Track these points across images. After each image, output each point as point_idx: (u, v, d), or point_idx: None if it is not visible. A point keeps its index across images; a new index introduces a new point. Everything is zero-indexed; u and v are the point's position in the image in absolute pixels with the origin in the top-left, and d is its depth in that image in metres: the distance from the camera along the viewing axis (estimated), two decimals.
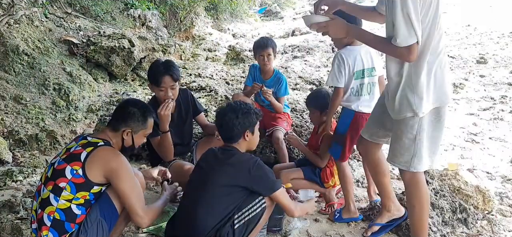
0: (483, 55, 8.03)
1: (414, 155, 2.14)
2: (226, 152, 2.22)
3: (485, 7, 14.73)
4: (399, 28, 1.93)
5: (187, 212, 2.16)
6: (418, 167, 2.16)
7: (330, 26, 2.19)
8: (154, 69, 3.03)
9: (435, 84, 2.08)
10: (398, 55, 2.03)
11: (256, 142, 2.34)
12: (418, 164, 2.16)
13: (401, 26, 1.93)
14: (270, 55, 3.68)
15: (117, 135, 2.21)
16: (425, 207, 2.28)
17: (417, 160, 2.15)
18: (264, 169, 2.18)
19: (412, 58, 1.99)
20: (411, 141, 2.13)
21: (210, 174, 2.17)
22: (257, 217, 2.16)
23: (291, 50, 8.73)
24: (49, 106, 4.54)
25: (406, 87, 2.10)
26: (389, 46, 2.02)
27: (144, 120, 2.27)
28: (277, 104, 3.76)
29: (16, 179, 3.37)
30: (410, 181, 2.24)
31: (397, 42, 1.96)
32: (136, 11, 7.63)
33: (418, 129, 2.11)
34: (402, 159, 2.18)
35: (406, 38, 1.94)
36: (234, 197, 2.12)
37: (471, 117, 5.12)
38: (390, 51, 2.05)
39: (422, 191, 2.25)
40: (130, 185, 2.08)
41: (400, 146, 2.17)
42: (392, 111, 2.21)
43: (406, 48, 1.96)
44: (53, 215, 1.98)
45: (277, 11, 16.65)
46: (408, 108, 2.10)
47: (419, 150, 2.13)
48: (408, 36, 1.93)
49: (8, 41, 4.85)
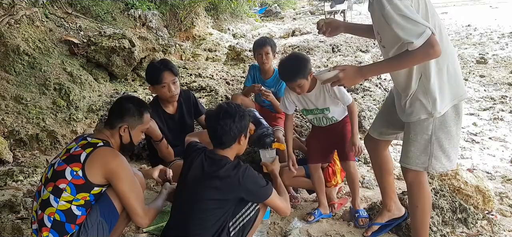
0: (483, 55, 8.04)
1: (431, 155, 2.11)
2: (214, 163, 2.08)
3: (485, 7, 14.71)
4: (407, 30, 1.81)
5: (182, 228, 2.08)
6: (436, 167, 2.13)
7: (343, 79, 2.09)
8: (151, 68, 3.03)
9: (449, 82, 2.03)
10: (423, 57, 1.88)
11: (245, 145, 2.23)
12: (436, 164, 2.12)
13: (407, 27, 1.81)
14: (269, 53, 3.68)
15: (115, 133, 2.21)
16: (427, 207, 2.27)
17: (435, 160, 2.11)
18: (254, 177, 2.09)
19: (438, 50, 1.83)
20: (427, 141, 2.09)
21: (198, 189, 2.07)
22: (252, 220, 2.15)
23: (291, 50, 8.73)
24: (50, 106, 4.54)
25: (418, 91, 2.06)
26: (409, 55, 1.88)
27: (140, 115, 2.26)
28: (277, 103, 3.76)
29: (16, 179, 3.38)
30: (414, 181, 2.22)
31: (414, 44, 1.81)
32: (136, 11, 7.64)
33: (433, 129, 2.07)
34: (419, 160, 2.14)
35: (419, 34, 1.80)
36: (226, 206, 2.07)
37: (471, 117, 5.12)
38: (413, 59, 1.90)
39: (425, 191, 2.24)
40: (129, 186, 2.08)
41: (415, 148, 2.13)
42: (402, 113, 2.17)
43: (426, 44, 1.81)
44: (53, 216, 1.98)
45: (277, 11, 16.69)
46: (422, 110, 2.06)
47: (436, 150, 2.10)
48: (419, 30, 1.80)
49: (9, 41, 4.86)
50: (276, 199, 2.18)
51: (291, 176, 2.96)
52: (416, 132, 2.12)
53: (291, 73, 2.60)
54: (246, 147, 2.25)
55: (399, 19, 1.82)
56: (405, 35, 1.83)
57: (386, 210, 2.64)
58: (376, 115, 2.64)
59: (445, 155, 2.12)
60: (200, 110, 3.35)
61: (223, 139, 2.10)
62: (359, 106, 4.72)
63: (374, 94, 5.64)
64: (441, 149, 2.10)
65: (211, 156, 2.13)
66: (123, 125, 2.20)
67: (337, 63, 7.22)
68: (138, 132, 2.29)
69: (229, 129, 2.08)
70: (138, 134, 2.30)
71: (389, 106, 2.42)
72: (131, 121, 2.23)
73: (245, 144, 2.21)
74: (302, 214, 2.92)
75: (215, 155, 2.12)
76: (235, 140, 2.13)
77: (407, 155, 2.17)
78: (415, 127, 2.12)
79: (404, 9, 1.82)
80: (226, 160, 2.10)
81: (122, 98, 2.37)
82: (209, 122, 2.16)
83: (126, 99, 2.32)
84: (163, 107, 3.12)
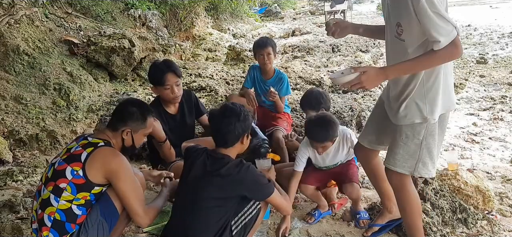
0: (483, 55, 8.04)
1: (419, 160, 2.10)
2: (216, 161, 2.10)
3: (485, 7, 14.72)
4: (438, 28, 1.78)
5: (184, 227, 2.09)
6: (422, 172, 2.13)
7: (364, 81, 1.98)
8: (155, 69, 3.03)
9: (444, 90, 2.03)
10: (448, 57, 1.88)
11: (247, 145, 2.26)
12: (422, 170, 2.12)
13: (439, 25, 1.78)
14: (270, 54, 3.68)
15: (117, 135, 2.21)
16: (415, 208, 2.26)
17: (422, 165, 2.11)
18: (255, 175, 2.11)
19: (461, 51, 1.85)
20: (417, 146, 2.08)
21: (200, 188, 2.08)
22: (254, 219, 2.16)
23: (291, 50, 8.73)
24: (50, 106, 4.54)
25: (416, 94, 2.03)
26: (434, 55, 1.86)
27: (144, 120, 2.26)
28: (280, 103, 3.76)
29: (16, 179, 3.37)
30: (398, 184, 2.22)
31: (441, 43, 1.80)
32: (136, 11, 7.64)
33: (425, 134, 2.06)
34: (406, 164, 2.13)
35: (448, 34, 1.79)
36: (227, 206, 2.08)
37: (471, 117, 5.12)
38: (438, 59, 1.88)
39: (410, 193, 2.23)
40: (130, 186, 2.08)
41: (404, 152, 2.11)
42: (395, 116, 2.14)
43: (451, 44, 1.81)
44: (53, 215, 1.98)
45: (277, 11, 16.69)
46: (417, 114, 2.04)
47: (425, 155, 2.10)
48: (449, 29, 1.79)
49: (9, 41, 4.86)
50: (278, 197, 2.22)
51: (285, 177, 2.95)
52: (407, 136, 2.09)
53: (320, 135, 2.62)
54: (247, 147, 2.27)
55: (433, 15, 1.77)
56: (435, 32, 1.80)
57: (387, 212, 2.64)
58: (366, 123, 2.60)
59: (431, 162, 2.12)
60: (201, 110, 3.35)
61: (227, 138, 2.12)
62: (359, 106, 4.73)
63: (374, 94, 5.64)
64: (429, 155, 2.10)
65: (213, 155, 2.15)
66: (126, 129, 2.21)
67: (337, 63, 7.22)
68: (141, 135, 2.29)
69: (234, 128, 2.10)
70: (141, 137, 2.30)
71: (380, 113, 2.38)
72: (134, 125, 2.23)
73: (247, 144, 2.23)
74: (302, 214, 2.92)
75: (217, 154, 2.14)
76: (238, 140, 2.15)
77: (394, 157, 2.15)
78: (406, 130, 2.09)
79: (439, 6, 1.78)
80: (228, 158, 2.12)
81: (127, 102, 2.36)
82: (213, 121, 2.18)
83: (131, 103, 2.31)
84: (165, 107, 3.12)
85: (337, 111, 4.49)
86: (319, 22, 14.62)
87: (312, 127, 2.68)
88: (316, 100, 3.13)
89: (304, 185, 2.80)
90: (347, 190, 2.75)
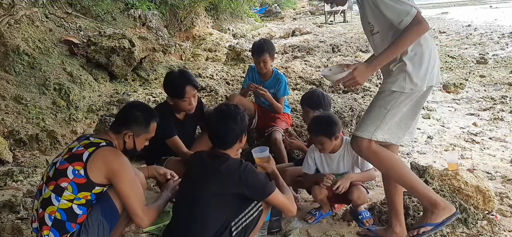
0: (483, 55, 8.03)
1: (378, 127, 2.16)
2: (216, 159, 2.12)
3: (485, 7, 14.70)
4: (395, 10, 2.00)
5: (184, 227, 2.10)
6: (377, 135, 2.17)
7: (357, 76, 2.13)
8: (173, 82, 2.95)
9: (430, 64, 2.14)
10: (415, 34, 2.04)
11: (245, 141, 2.27)
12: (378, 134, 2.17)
13: (395, 7, 2.00)
14: (266, 61, 3.70)
15: (119, 137, 2.21)
16: (395, 165, 2.25)
17: (380, 131, 2.17)
18: (255, 174, 2.11)
19: (426, 26, 2.03)
20: (382, 114, 2.16)
21: (200, 184, 2.09)
22: (254, 221, 2.14)
23: (291, 50, 8.73)
24: (50, 106, 4.54)
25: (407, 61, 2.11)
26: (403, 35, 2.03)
27: (147, 125, 2.26)
28: (276, 104, 3.76)
29: (16, 179, 3.38)
30: (367, 152, 2.24)
31: (404, 22, 2.01)
32: (136, 11, 7.65)
33: (393, 104, 2.15)
34: (367, 129, 2.19)
35: (408, 13, 1.99)
36: (228, 205, 2.07)
37: (471, 117, 5.12)
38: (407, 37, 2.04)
39: (383, 154, 2.23)
40: (130, 186, 2.08)
41: (368, 117, 2.21)
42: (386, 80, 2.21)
43: (414, 21, 2.00)
44: (54, 215, 1.98)
45: (277, 11, 16.70)
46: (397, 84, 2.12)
47: (386, 124, 2.16)
48: (408, 10, 1.99)
49: (9, 41, 4.86)
50: (280, 196, 2.17)
51: (289, 176, 2.96)
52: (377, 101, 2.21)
53: (317, 128, 2.72)
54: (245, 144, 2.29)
55: (389, 2, 2.01)
56: (395, 16, 2.02)
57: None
58: None
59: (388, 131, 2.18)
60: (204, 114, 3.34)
61: (226, 140, 2.15)
62: (359, 106, 4.73)
63: (374, 94, 5.64)
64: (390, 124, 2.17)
65: (213, 153, 2.17)
66: (128, 132, 2.21)
67: (337, 63, 7.22)
68: (142, 140, 2.29)
69: (232, 130, 2.13)
70: (142, 141, 2.30)
71: None
72: (137, 129, 2.23)
73: (245, 141, 2.25)
74: (302, 214, 2.91)
75: (217, 153, 2.17)
76: (236, 141, 2.17)
77: (360, 123, 2.26)
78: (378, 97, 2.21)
79: None
80: (228, 156, 2.14)
81: (132, 106, 2.36)
82: (210, 125, 2.21)
83: (136, 107, 2.31)
84: (174, 112, 3.07)
85: (337, 111, 4.48)
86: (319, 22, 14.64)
87: (311, 122, 2.78)
88: (316, 101, 3.14)
89: (319, 187, 2.76)
90: (354, 194, 2.71)
